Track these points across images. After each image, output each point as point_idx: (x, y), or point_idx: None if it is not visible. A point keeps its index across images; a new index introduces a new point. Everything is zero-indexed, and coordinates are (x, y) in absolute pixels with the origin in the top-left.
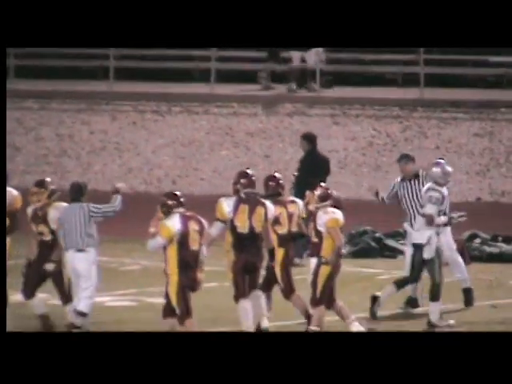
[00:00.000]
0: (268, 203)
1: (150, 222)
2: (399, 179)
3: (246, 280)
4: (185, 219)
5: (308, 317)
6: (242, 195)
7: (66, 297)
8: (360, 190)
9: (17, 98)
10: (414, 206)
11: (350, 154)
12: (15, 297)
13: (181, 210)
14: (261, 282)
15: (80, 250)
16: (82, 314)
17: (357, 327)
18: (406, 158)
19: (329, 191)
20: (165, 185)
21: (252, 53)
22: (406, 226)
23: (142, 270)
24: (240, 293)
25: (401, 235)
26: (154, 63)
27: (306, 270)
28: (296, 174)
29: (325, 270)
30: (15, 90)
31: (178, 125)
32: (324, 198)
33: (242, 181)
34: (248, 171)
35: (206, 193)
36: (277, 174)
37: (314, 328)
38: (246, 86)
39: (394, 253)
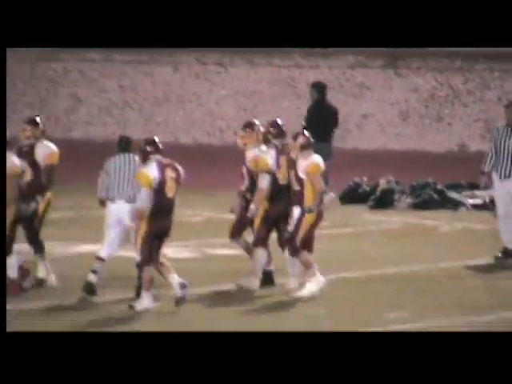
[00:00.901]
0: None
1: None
2: (500, 126)
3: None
4: (162, 166)
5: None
6: (279, 146)
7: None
8: (422, 142)
9: (80, 49)
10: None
11: (411, 106)
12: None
13: (158, 157)
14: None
15: (130, 202)
16: (101, 259)
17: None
18: None
19: (310, 139)
20: (227, 136)
21: None
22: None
23: (205, 221)
24: (263, 240)
25: (462, 187)
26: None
27: None
28: (303, 123)
29: (309, 218)
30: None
31: (240, 76)
32: (305, 146)
33: (273, 130)
34: (279, 121)
35: None
36: (279, 120)
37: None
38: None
39: (456, 205)
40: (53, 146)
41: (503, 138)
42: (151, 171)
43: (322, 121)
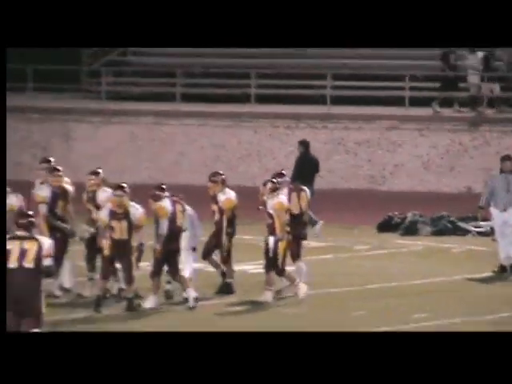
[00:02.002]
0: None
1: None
2: (496, 174)
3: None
4: (173, 202)
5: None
6: (291, 186)
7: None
8: (439, 185)
9: (183, 117)
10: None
11: (431, 158)
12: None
13: (168, 195)
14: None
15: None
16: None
17: (303, 289)
18: (507, 158)
19: (277, 185)
20: None
21: (362, 82)
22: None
23: None
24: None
25: (469, 219)
26: (285, 91)
27: None
28: (293, 170)
29: (282, 245)
30: (184, 111)
31: (303, 136)
32: (273, 189)
33: (279, 179)
34: (283, 171)
35: (323, 187)
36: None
37: (269, 288)
38: (356, 108)
39: (465, 232)
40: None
41: (499, 183)
42: (167, 205)
43: (306, 168)
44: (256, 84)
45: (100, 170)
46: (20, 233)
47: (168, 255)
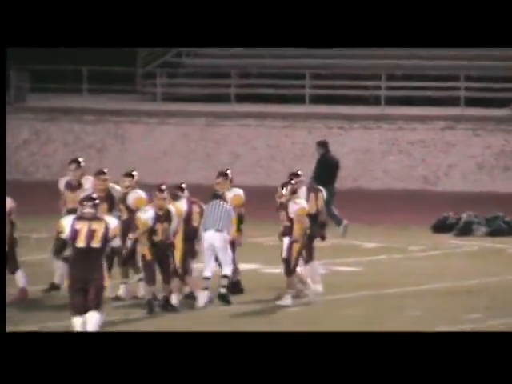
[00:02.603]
0: (322, 188)
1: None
2: None
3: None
4: (190, 203)
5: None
6: (308, 185)
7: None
8: (493, 185)
9: (237, 118)
10: None
11: (485, 159)
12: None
13: (186, 196)
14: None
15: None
16: (208, 278)
17: (314, 290)
18: None
19: (295, 187)
20: (348, 182)
21: (416, 83)
22: None
23: (331, 245)
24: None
25: None
26: (339, 91)
27: None
28: (313, 171)
29: (296, 247)
30: (238, 112)
31: (357, 137)
32: (293, 191)
33: (296, 179)
34: (299, 172)
35: (379, 187)
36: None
37: (290, 292)
38: (410, 108)
39: None
40: (142, 194)
41: None
42: (182, 205)
43: (327, 169)
44: (310, 85)
45: (135, 173)
46: (88, 214)
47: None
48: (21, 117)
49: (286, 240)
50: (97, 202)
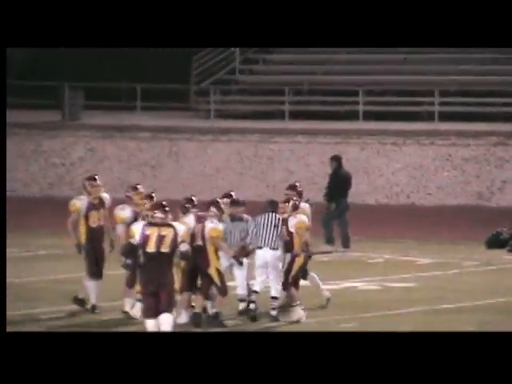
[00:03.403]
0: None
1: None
2: None
3: None
4: (198, 218)
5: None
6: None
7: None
8: None
9: (290, 135)
10: None
11: None
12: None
13: (195, 210)
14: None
15: (273, 249)
16: (256, 292)
17: (299, 313)
18: None
19: (297, 203)
20: (401, 199)
21: (469, 98)
22: None
23: (384, 261)
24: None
25: None
26: (392, 107)
27: None
28: (327, 185)
29: (298, 261)
30: (291, 129)
31: (410, 153)
32: (295, 207)
33: (297, 190)
34: (296, 183)
35: (432, 203)
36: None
37: (296, 304)
38: (463, 124)
39: None
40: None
41: None
42: (190, 221)
43: (339, 183)
44: (364, 101)
45: (153, 194)
46: (158, 220)
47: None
48: (75, 134)
49: (289, 255)
50: (167, 208)
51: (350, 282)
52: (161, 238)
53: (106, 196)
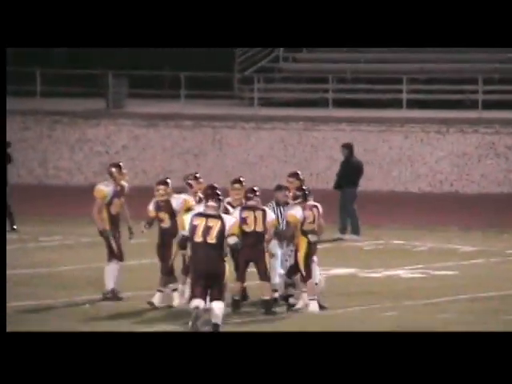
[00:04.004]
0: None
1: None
2: None
3: None
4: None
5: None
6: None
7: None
8: None
9: (334, 123)
10: None
11: None
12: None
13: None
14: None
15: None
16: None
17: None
18: None
19: (297, 193)
20: (444, 187)
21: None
22: None
23: (427, 250)
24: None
25: None
26: (435, 95)
27: None
28: (337, 174)
29: (299, 255)
30: (335, 117)
31: (454, 141)
32: (295, 197)
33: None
34: (255, 188)
35: (475, 191)
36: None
37: (312, 297)
38: (507, 112)
39: None
40: (183, 196)
41: None
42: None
43: (350, 172)
44: (407, 89)
45: (169, 180)
46: (208, 210)
47: None
48: (119, 122)
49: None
50: (220, 197)
51: (393, 270)
52: (207, 229)
53: (126, 184)
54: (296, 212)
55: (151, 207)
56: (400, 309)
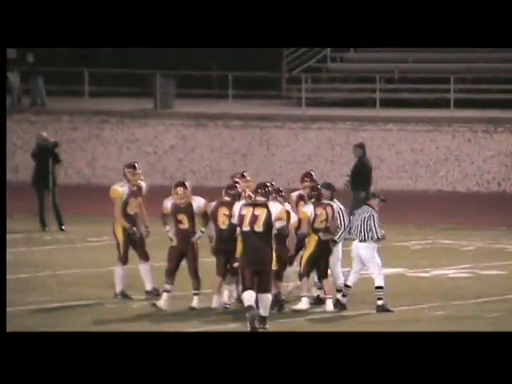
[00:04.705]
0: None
1: None
2: None
3: None
4: (217, 204)
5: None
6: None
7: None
8: None
9: (381, 123)
10: None
11: None
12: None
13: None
14: None
15: (362, 241)
16: (349, 287)
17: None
18: None
19: (312, 193)
20: (492, 186)
21: None
22: None
23: (475, 249)
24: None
25: None
26: (483, 95)
27: None
28: (350, 174)
29: (305, 255)
30: (382, 117)
31: (501, 141)
32: (310, 197)
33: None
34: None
35: None
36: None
37: (304, 295)
38: None
39: None
40: (202, 199)
41: None
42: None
43: (364, 171)
44: (455, 89)
45: (188, 182)
46: (256, 200)
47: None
48: (167, 122)
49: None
50: (268, 189)
51: (442, 270)
52: (254, 218)
53: (143, 184)
54: (307, 209)
55: (168, 206)
56: (449, 308)
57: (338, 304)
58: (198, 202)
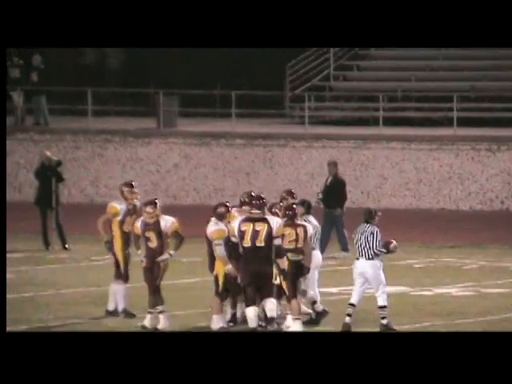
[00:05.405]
0: None
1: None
2: None
3: None
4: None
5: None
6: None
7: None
8: None
9: (385, 141)
10: None
11: None
12: None
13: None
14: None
15: (369, 259)
16: (353, 305)
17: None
18: None
19: (287, 212)
20: (495, 205)
21: None
22: None
23: (478, 268)
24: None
25: None
26: (486, 113)
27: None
28: (323, 191)
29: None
30: (385, 135)
31: (505, 159)
32: (284, 215)
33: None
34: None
35: None
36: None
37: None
38: None
39: None
40: (172, 218)
41: None
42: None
43: (339, 189)
44: (458, 107)
45: (157, 201)
46: (254, 215)
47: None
48: (170, 141)
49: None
50: (264, 201)
51: (445, 288)
52: (256, 233)
53: (138, 203)
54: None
55: (138, 225)
56: (453, 327)
57: (318, 316)
58: (165, 221)
